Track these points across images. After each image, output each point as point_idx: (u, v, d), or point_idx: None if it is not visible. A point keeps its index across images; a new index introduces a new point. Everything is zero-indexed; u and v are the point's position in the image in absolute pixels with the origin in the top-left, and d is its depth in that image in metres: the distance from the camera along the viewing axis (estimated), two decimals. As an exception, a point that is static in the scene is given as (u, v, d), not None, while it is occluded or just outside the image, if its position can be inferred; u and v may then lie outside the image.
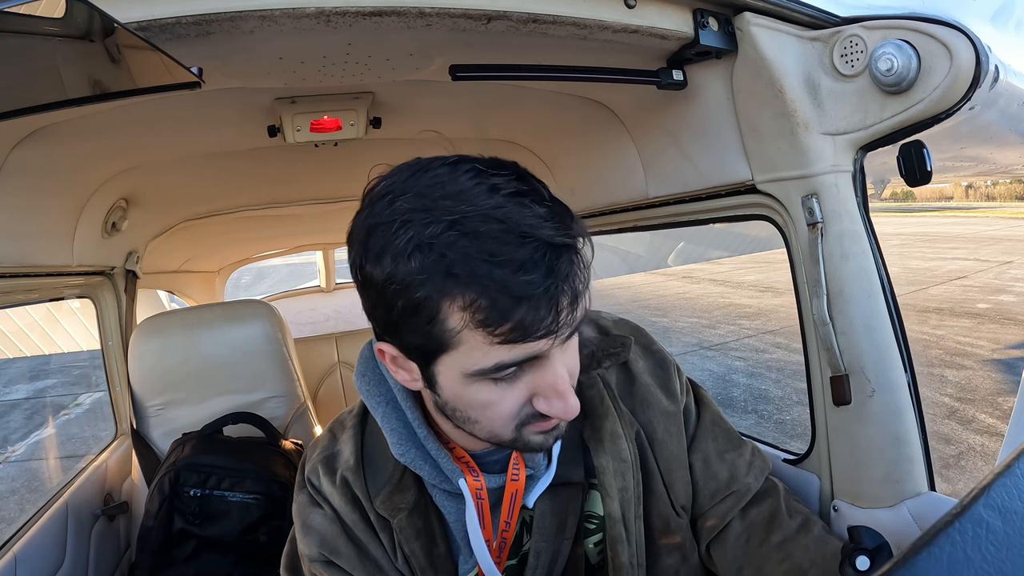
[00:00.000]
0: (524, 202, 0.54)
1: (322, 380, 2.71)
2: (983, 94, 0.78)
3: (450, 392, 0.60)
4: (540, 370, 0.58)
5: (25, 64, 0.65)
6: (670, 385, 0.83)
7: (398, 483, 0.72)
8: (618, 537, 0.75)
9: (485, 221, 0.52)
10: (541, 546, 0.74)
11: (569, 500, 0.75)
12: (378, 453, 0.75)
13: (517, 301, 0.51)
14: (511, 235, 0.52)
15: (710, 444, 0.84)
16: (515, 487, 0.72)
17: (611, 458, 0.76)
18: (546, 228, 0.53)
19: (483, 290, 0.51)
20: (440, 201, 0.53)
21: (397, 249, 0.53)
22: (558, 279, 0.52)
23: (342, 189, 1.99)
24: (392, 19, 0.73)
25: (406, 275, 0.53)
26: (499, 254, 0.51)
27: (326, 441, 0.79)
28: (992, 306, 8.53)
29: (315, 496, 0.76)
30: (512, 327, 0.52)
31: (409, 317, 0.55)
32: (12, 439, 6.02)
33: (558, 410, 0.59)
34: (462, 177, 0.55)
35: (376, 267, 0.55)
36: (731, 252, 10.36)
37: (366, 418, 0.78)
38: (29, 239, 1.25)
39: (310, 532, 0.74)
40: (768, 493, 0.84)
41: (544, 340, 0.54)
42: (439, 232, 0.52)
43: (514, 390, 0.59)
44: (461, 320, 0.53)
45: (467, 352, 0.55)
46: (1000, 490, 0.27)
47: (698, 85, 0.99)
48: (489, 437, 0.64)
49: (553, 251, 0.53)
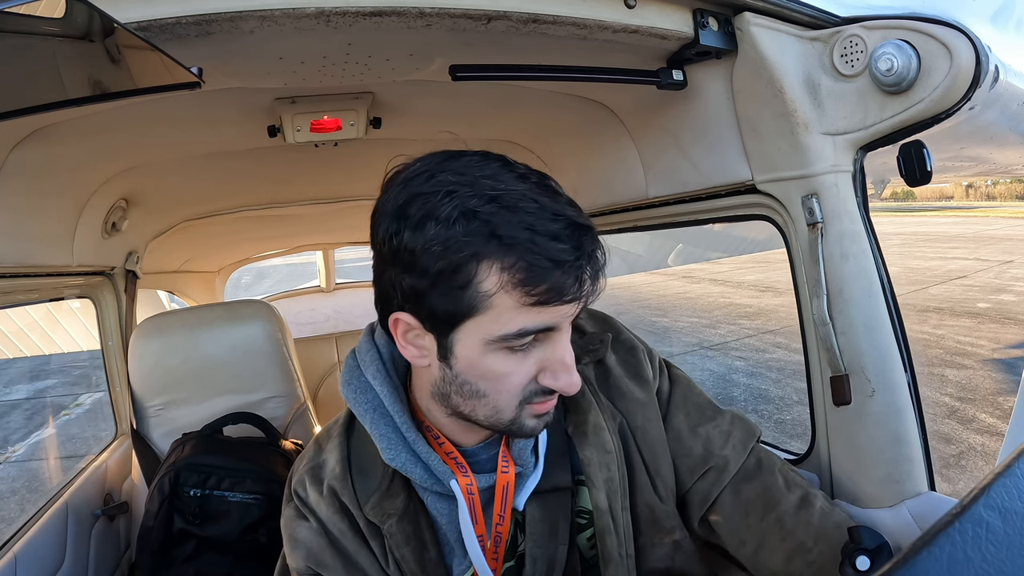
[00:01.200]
0: (550, 190, 0.61)
1: (322, 380, 2.71)
2: (983, 94, 0.78)
3: (465, 362, 0.63)
4: (551, 344, 0.63)
5: (25, 64, 0.64)
6: (641, 372, 0.82)
7: (387, 489, 0.73)
8: (606, 528, 0.76)
9: (522, 199, 0.58)
10: (536, 552, 0.74)
11: (558, 504, 0.75)
12: (366, 460, 0.75)
13: (554, 265, 0.57)
14: (545, 212, 0.58)
15: (682, 419, 0.83)
16: (506, 479, 0.73)
17: (596, 450, 0.76)
18: (572, 211, 0.60)
19: (525, 252, 0.57)
20: (480, 180, 0.59)
21: (441, 215, 0.57)
22: (585, 252, 0.59)
23: (342, 189, 1.99)
24: (392, 19, 0.73)
25: (449, 238, 0.57)
26: (537, 225, 0.57)
27: (312, 452, 0.79)
28: (992, 305, 8.53)
29: (301, 508, 0.76)
30: (547, 288, 0.58)
31: (445, 280, 0.58)
32: (12, 439, 6.02)
33: (564, 383, 0.64)
34: (493, 164, 0.61)
35: (416, 233, 0.58)
36: (728, 253, 10.37)
37: (352, 427, 0.78)
38: (29, 239, 1.25)
39: (297, 545, 0.74)
40: (760, 467, 0.81)
41: (569, 305, 0.60)
42: (483, 203, 0.57)
43: (525, 363, 0.63)
44: (498, 281, 0.58)
45: (495, 316, 0.59)
46: (1000, 490, 0.27)
47: (698, 85, 0.99)
48: (490, 415, 0.66)
49: (580, 229, 0.59)
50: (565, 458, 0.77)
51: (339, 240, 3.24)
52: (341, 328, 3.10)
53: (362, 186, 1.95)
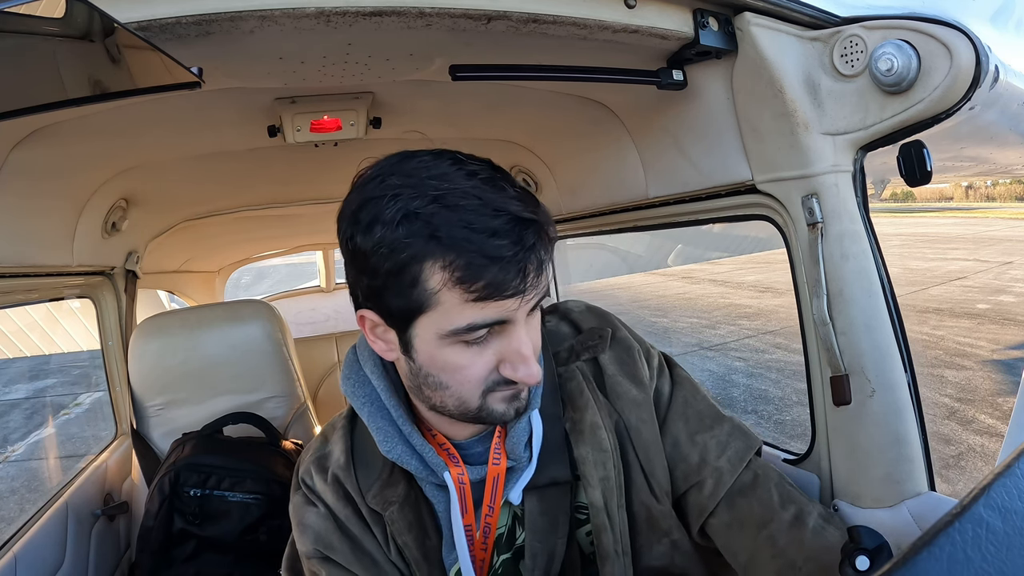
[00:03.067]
0: (498, 185, 0.62)
1: (322, 380, 2.71)
2: (983, 94, 0.78)
3: (425, 355, 0.65)
4: (507, 337, 0.64)
5: (25, 64, 0.64)
6: (637, 373, 0.82)
7: (388, 478, 0.76)
8: (602, 526, 0.76)
9: (464, 197, 0.59)
10: (536, 547, 0.75)
11: (558, 499, 0.76)
12: (367, 451, 0.78)
13: (490, 261, 0.58)
14: (486, 208, 0.59)
15: (680, 425, 0.82)
16: (496, 471, 0.74)
17: (591, 448, 0.77)
18: (515, 205, 0.61)
19: (461, 251, 0.58)
20: (426, 180, 0.60)
21: (386, 218, 0.59)
22: (525, 247, 0.60)
23: (342, 189, 1.96)
24: (392, 19, 0.73)
25: (393, 240, 0.59)
26: (475, 223, 0.58)
27: (318, 444, 0.83)
28: (992, 306, 8.53)
29: (309, 495, 0.79)
30: (485, 284, 0.59)
31: (394, 279, 0.61)
32: (12, 439, 6.02)
33: (523, 374, 0.64)
34: (444, 163, 0.62)
35: (366, 236, 0.61)
36: (729, 253, 10.35)
37: (355, 419, 0.81)
38: (29, 239, 1.25)
39: (305, 530, 0.77)
40: (756, 482, 0.80)
41: (512, 300, 0.61)
42: (424, 204, 0.59)
43: (483, 355, 0.64)
44: (440, 280, 0.59)
45: (444, 312, 0.61)
46: (1000, 490, 0.27)
47: (698, 85, 0.99)
48: (458, 405, 0.67)
49: (521, 223, 0.60)
50: (563, 453, 0.78)
51: (339, 240, 3.24)
52: (341, 328, 3.10)
53: (362, 186, 1.95)
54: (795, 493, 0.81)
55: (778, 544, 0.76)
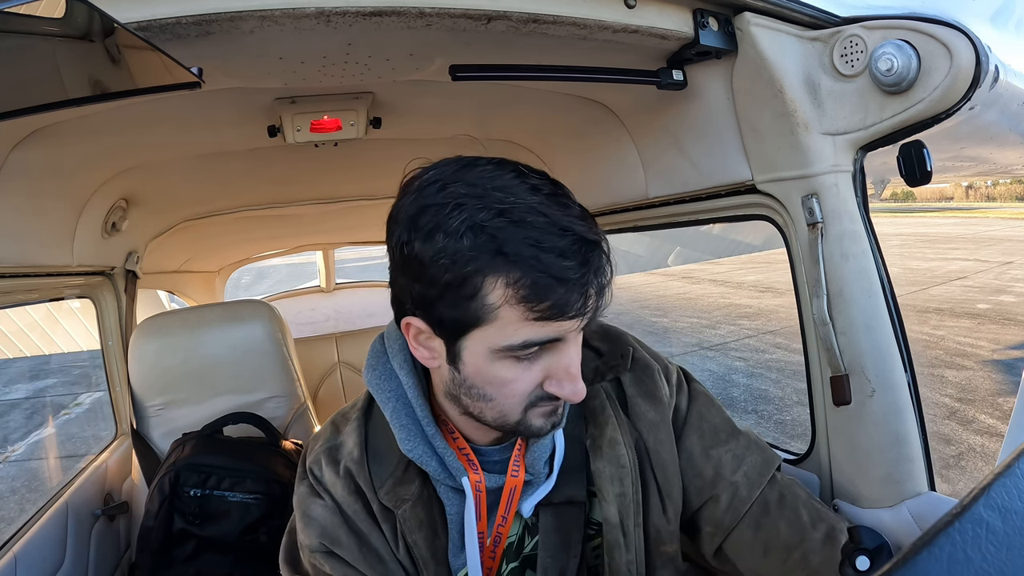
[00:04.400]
0: (561, 202, 0.61)
1: (322, 380, 2.71)
2: (983, 94, 0.78)
3: (472, 368, 0.64)
4: (556, 354, 0.64)
5: (25, 64, 0.64)
6: (656, 392, 0.81)
7: (402, 475, 0.74)
8: (615, 543, 0.75)
9: (531, 212, 0.58)
10: (548, 563, 0.75)
11: (572, 518, 0.76)
12: (382, 445, 0.76)
13: (557, 282, 0.58)
14: (553, 227, 0.58)
15: (695, 439, 0.81)
16: (514, 483, 0.74)
17: (608, 463, 0.76)
18: (580, 225, 0.60)
19: (528, 269, 0.57)
20: (491, 191, 0.59)
21: (450, 228, 0.58)
22: (591, 269, 0.60)
23: (342, 189, 1.99)
24: (392, 19, 0.73)
25: (456, 251, 0.58)
26: (543, 241, 0.58)
27: (328, 433, 0.80)
28: (992, 306, 8.53)
29: (316, 487, 0.76)
30: (550, 305, 0.58)
31: (452, 291, 0.60)
32: (12, 439, 6.02)
33: (568, 392, 0.64)
34: (507, 175, 0.61)
35: (426, 244, 0.59)
36: (728, 254, 10.34)
37: (370, 411, 0.79)
38: (29, 239, 1.25)
39: (311, 523, 0.75)
40: (784, 502, 0.79)
41: (572, 321, 0.61)
42: (490, 217, 0.58)
43: (531, 371, 0.64)
44: (503, 296, 0.59)
45: (500, 327, 0.60)
46: (1000, 490, 0.27)
47: (698, 85, 0.99)
48: (497, 417, 0.67)
49: (588, 245, 0.60)
50: (582, 472, 0.77)
51: (339, 240, 3.24)
52: (341, 328, 3.10)
53: (362, 186, 1.95)
54: (824, 511, 0.80)
55: (811, 564, 0.75)
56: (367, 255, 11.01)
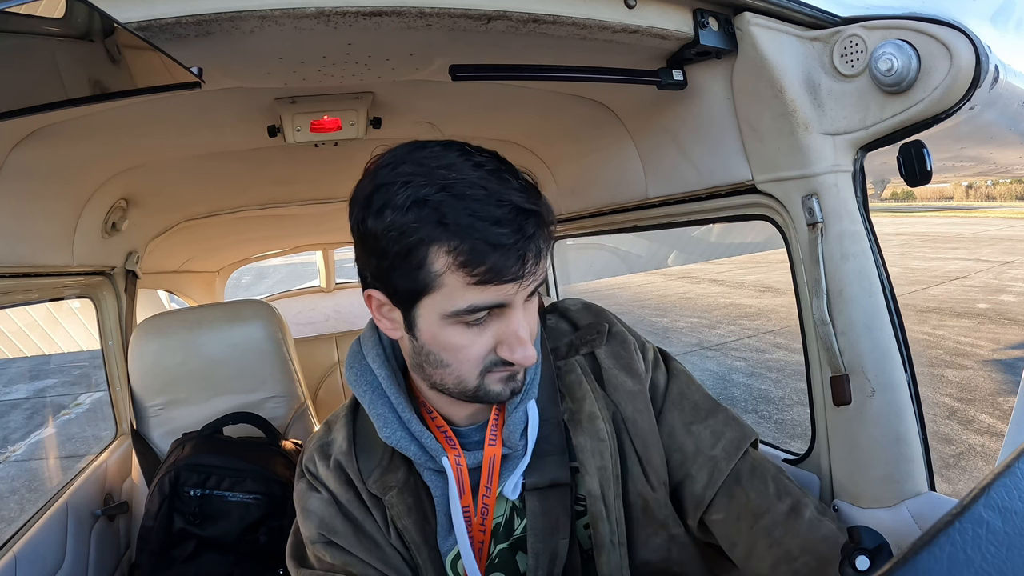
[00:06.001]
0: (503, 177, 0.65)
1: (322, 380, 2.71)
2: (983, 94, 0.78)
3: (427, 334, 0.68)
4: (505, 320, 0.67)
5: (25, 64, 0.64)
6: (633, 364, 0.84)
7: (388, 464, 0.78)
8: (599, 515, 0.77)
9: (471, 187, 0.63)
10: (539, 547, 0.76)
11: (559, 500, 0.78)
12: (369, 438, 0.80)
13: (492, 248, 0.62)
14: (491, 198, 0.63)
15: (675, 416, 0.84)
16: (492, 452, 0.77)
17: (588, 437, 0.79)
18: (518, 196, 0.64)
19: (465, 237, 0.61)
20: (436, 169, 0.63)
21: (396, 204, 0.63)
22: (525, 235, 0.63)
23: (342, 189, 1.98)
24: (392, 19, 0.73)
25: (403, 224, 0.62)
26: (480, 211, 0.62)
27: (321, 433, 0.85)
28: (992, 306, 8.53)
29: (312, 482, 0.81)
30: (486, 269, 0.62)
31: (401, 261, 0.64)
32: (12, 439, 6.02)
33: (519, 356, 0.68)
34: (453, 154, 0.65)
35: (377, 220, 0.64)
36: (728, 255, 10.31)
37: (357, 408, 0.84)
38: (29, 239, 1.25)
39: (309, 515, 0.79)
40: (753, 473, 0.82)
41: (511, 284, 0.64)
42: (433, 192, 0.62)
43: (482, 336, 0.68)
44: (445, 263, 0.63)
45: (447, 294, 0.64)
46: (1000, 490, 0.27)
47: (698, 85, 0.99)
48: (457, 383, 0.71)
49: (523, 213, 0.63)
50: (563, 453, 0.79)
51: (339, 240, 3.24)
52: (341, 328, 3.10)
53: (362, 186, 1.95)
54: (791, 486, 0.82)
55: (774, 534, 0.78)
56: (367, 255, 10.93)
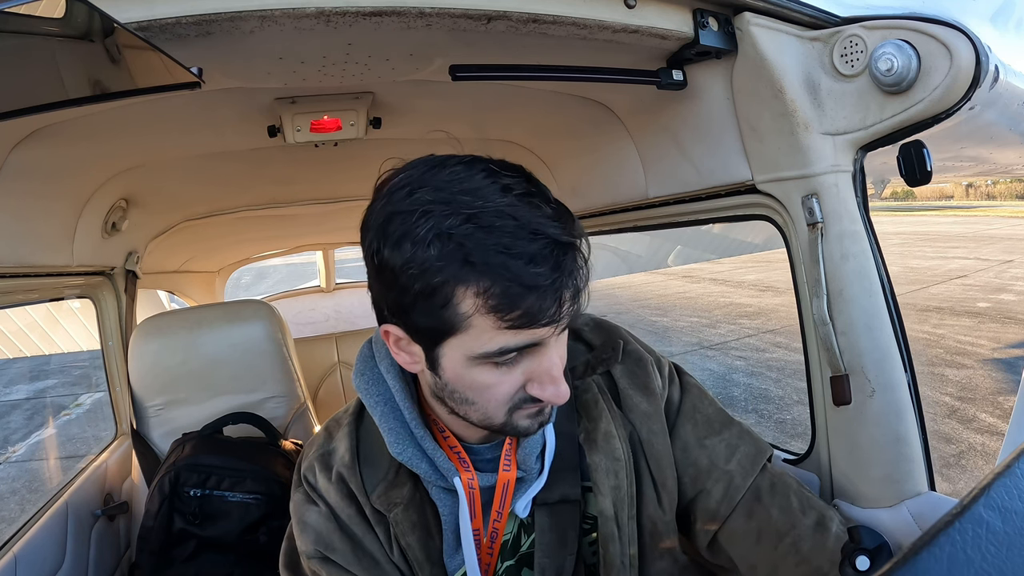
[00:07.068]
0: (534, 202, 0.58)
1: (322, 380, 2.71)
2: (983, 94, 0.78)
3: (451, 374, 0.64)
4: (537, 357, 0.63)
5: (25, 64, 0.64)
6: (649, 384, 0.81)
7: (394, 479, 0.75)
8: (610, 535, 0.76)
9: (500, 216, 0.56)
10: (545, 562, 0.75)
11: (568, 515, 0.76)
12: (374, 450, 0.76)
13: (527, 290, 0.56)
14: (523, 231, 0.56)
15: (689, 430, 0.82)
16: (507, 477, 0.74)
17: (603, 456, 0.77)
18: (553, 227, 0.57)
19: (497, 278, 0.56)
20: (458, 196, 0.57)
21: (417, 237, 0.56)
22: (563, 273, 0.57)
23: (342, 189, 1.99)
24: (392, 19, 0.73)
25: (424, 261, 0.56)
26: (513, 247, 0.55)
27: (322, 439, 0.80)
28: (993, 305, 8.53)
29: (311, 493, 0.77)
30: (521, 314, 0.57)
31: (424, 300, 0.58)
32: (12, 440, 6.02)
33: (550, 394, 0.64)
34: (477, 176, 0.58)
35: (395, 252, 0.58)
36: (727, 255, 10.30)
37: (362, 416, 0.80)
38: (29, 239, 1.25)
39: (306, 529, 0.76)
40: (775, 490, 0.79)
41: (547, 328, 0.59)
42: (458, 224, 0.56)
43: (512, 375, 0.63)
44: (473, 305, 0.57)
45: (475, 336, 0.59)
46: (1000, 490, 0.27)
47: (698, 85, 0.99)
48: (482, 420, 0.67)
49: (560, 248, 0.57)
50: (575, 470, 0.77)
51: (339, 240, 3.24)
52: (341, 328, 3.10)
53: (362, 186, 1.94)
54: (813, 499, 0.80)
55: (802, 551, 0.75)
56: (367, 255, 10.93)
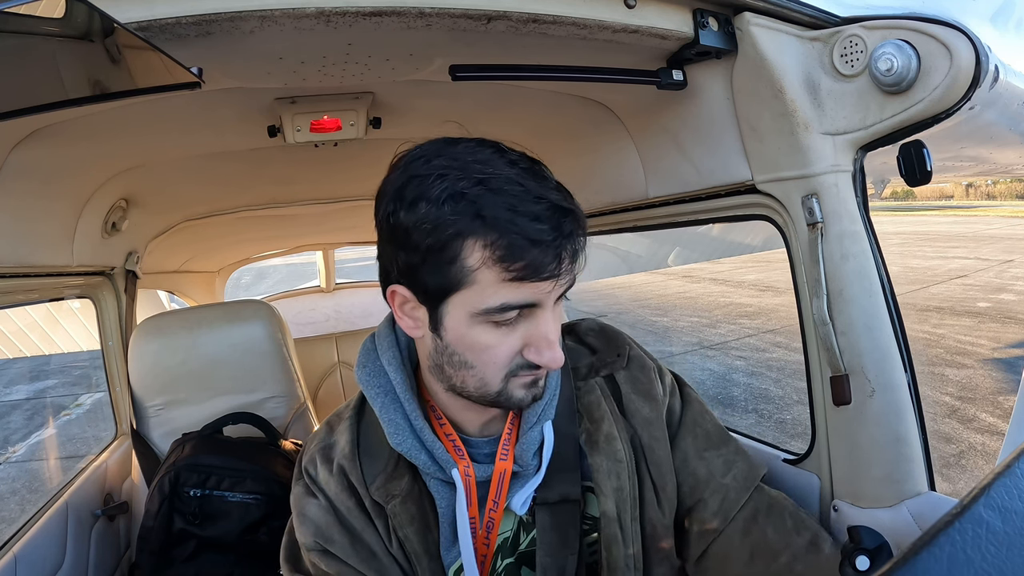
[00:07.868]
0: (538, 174, 0.64)
1: (322, 380, 2.71)
2: (983, 94, 0.78)
3: (454, 333, 0.66)
4: (535, 321, 0.66)
5: (25, 64, 0.64)
6: (652, 391, 0.83)
7: (393, 471, 0.76)
8: (613, 537, 0.76)
9: (508, 183, 0.61)
10: (547, 561, 0.75)
11: (569, 515, 0.77)
12: (374, 442, 0.78)
13: (531, 243, 0.60)
14: (528, 195, 0.61)
15: (689, 442, 0.84)
16: (503, 466, 0.75)
17: (605, 458, 0.78)
18: (555, 194, 0.63)
19: (504, 231, 0.60)
20: (471, 164, 0.62)
21: (432, 196, 0.61)
22: (563, 234, 0.62)
23: (342, 189, 1.99)
24: (392, 19, 0.73)
25: (438, 217, 0.61)
26: (519, 207, 0.61)
27: (323, 433, 0.82)
28: (993, 305, 8.53)
29: (311, 486, 0.78)
30: (525, 264, 0.61)
31: (433, 255, 0.62)
32: (13, 440, 6.02)
33: (547, 359, 0.66)
34: (487, 150, 0.64)
35: (409, 212, 0.62)
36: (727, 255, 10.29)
37: (362, 410, 0.81)
38: (29, 239, 1.25)
39: (305, 522, 0.77)
40: (772, 509, 0.81)
41: (547, 283, 0.63)
42: (471, 185, 0.61)
43: (510, 337, 0.66)
44: (481, 258, 0.61)
45: (479, 290, 0.63)
46: (1000, 490, 0.27)
47: (698, 85, 0.99)
48: (479, 387, 0.69)
49: (561, 212, 0.62)
50: (576, 471, 0.78)
51: (339, 240, 3.24)
52: (341, 328, 3.10)
53: (362, 186, 1.95)
54: (808, 520, 0.82)
55: (796, 570, 0.77)
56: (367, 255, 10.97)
